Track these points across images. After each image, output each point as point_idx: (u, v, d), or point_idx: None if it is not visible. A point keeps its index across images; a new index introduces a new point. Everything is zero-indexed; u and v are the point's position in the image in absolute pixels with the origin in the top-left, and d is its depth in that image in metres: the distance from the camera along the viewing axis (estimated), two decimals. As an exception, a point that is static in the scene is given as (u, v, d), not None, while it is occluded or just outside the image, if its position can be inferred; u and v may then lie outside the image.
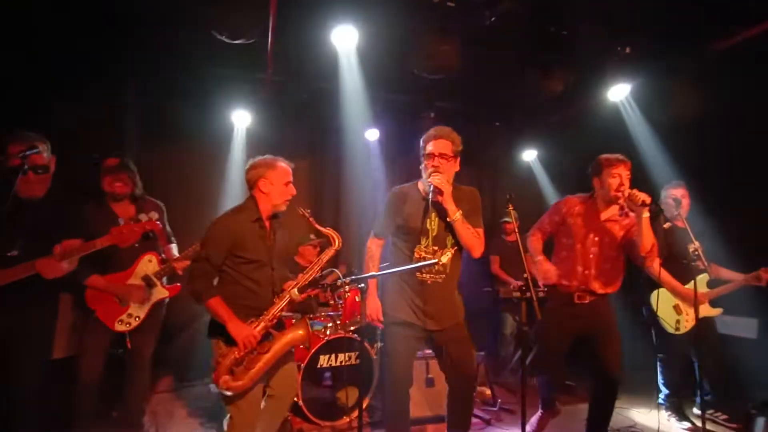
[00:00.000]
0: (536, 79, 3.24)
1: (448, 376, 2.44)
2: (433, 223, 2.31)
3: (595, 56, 3.50)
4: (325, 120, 4.50)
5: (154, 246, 2.77)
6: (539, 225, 2.83)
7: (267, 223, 2.20)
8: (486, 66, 4.15)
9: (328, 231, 2.29)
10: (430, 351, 2.70)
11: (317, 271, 2.25)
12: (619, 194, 2.49)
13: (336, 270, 3.77)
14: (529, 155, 5.39)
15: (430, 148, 2.29)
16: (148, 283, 2.67)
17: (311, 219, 2.27)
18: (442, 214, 2.29)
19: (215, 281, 2.17)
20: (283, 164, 2.25)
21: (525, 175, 5.58)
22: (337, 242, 2.28)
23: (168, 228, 2.97)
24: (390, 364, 2.39)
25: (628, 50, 3.37)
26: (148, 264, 2.70)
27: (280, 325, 2.24)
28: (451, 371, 2.40)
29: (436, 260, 2.26)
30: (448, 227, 2.30)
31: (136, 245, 2.57)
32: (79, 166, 2.86)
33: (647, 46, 3.45)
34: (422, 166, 2.36)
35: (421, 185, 2.40)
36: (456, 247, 2.35)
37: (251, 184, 2.21)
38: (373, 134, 4.92)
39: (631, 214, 2.55)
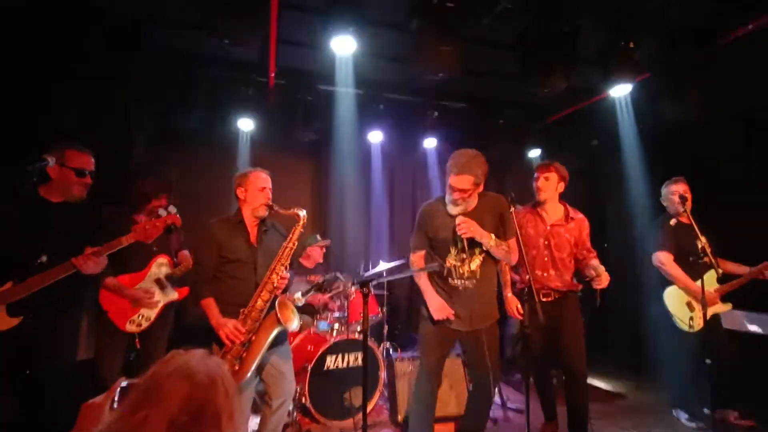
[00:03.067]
0: (539, 77, 3.21)
1: (472, 375, 2.64)
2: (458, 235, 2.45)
3: (599, 53, 3.46)
4: (328, 122, 4.52)
5: (165, 246, 2.83)
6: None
7: (251, 227, 2.41)
8: (488, 64, 4.15)
9: (291, 212, 2.40)
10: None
11: (291, 249, 2.36)
12: (540, 195, 2.89)
13: (340, 276, 3.82)
14: (534, 153, 5.36)
15: (453, 182, 2.38)
16: (160, 285, 2.73)
17: (276, 208, 2.39)
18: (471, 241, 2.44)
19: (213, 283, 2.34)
20: (257, 172, 2.44)
21: (531, 173, 5.54)
22: (302, 219, 2.39)
23: (182, 234, 3.02)
24: (422, 359, 2.59)
25: (632, 45, 3.33)
26: (161, 267, 2.76)
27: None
28: (473, 374, 2.61)
29: (471, 272, 2.47)
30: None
31: (154, 249, 2.72)
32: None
33: (653, 40, 3.41)
34: (447, 187, 2.45)
35: (446, 203, 2.50)
36: (483, 255, 2.49)
37: (234, 193, 2.46)
38: (375, 136, 4.94)
39: (576, 219, 2.90)
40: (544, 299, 2.76)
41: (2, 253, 2.08)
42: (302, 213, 2.39)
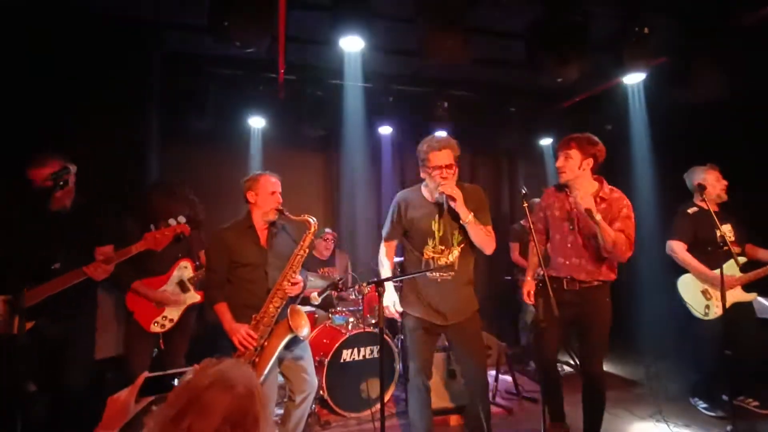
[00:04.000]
0: (551, 67, 3.16)
1: (461, 368, 2.61)
2: (437, 225, 2.42)
3: (611, 39, 3.39)
4: (337, 116, 4.53)
5: (188, 250, 2.92)
6: (534, 228, 2.70)
7: (261, 230, 2.43)
8: (498, 52, 4.10)
9: (302, 218, 2.42)
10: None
11: (302, 256, 2.39)
12: (563, 176, 2.53)
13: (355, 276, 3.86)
14: (546, 141, 5.30)
15: (436, 161, 2.33)
16: (183, 287, 2.82)
17: (286, 213, 2.41)
18: (452, 216, 2.38)
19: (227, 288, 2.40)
20: (267, 176, 2.44)
21: (543, 161, 5.50)
22: (312, 226, 2.41)
23: (204, 236, 3.10)
24: (411, 359, 2.53)
25: (646, 30, 3.25)
26: (184, 270, 2.85)
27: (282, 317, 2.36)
28: (462, 365, 2.57)
29: (450, 264, 2.38)
30: (460, 228, 2.39)
31: (180, 255, 2.83)
32: (100, 172, 2.99)
33: (667, 24, 3.33)
34: (424, 173, 2.42)
35: (425, 190, 2.49)
36: (462, 245, 2.44)
37: (244, 197, 2.46)
38: (385, 129, 4.94)
39: (612, 196, 2.50)
40: (567, 287, 2.53)
41: (18, 260, 2.14)
42: (313, 220, 2.40)
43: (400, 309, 2.49)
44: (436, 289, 2.41)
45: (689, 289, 3.21)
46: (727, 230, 3.10)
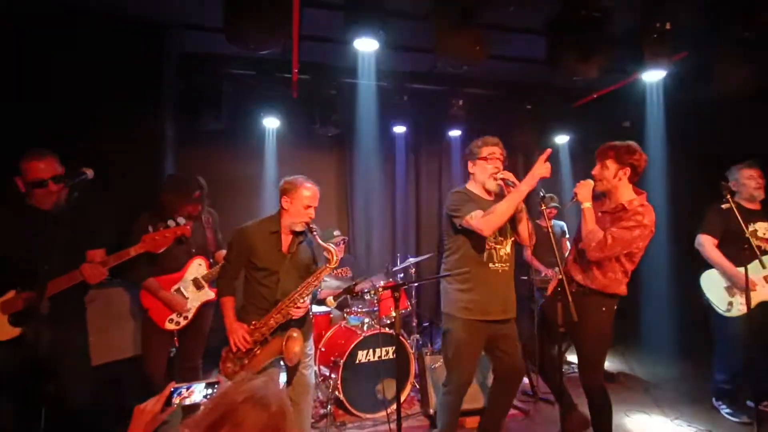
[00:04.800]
0: (569, 65, 3.10)
1: (501, 369, 2.57)
2: None
3: (630, 34, 3.31)
4: (351, 115, 4.53)
5: (203, 248, 2.92)
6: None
7: (285, 236, 2.40)
8: (514, 49, 4.04)
9: (326, 246, 2.36)
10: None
11: (314, 286, 2.35)
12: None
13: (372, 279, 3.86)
14: (561, 139, 5.22)
15: (490, 151, 2.52)
16: (197, 285, 2.83)
17: (315, 233, 2.38)
18: None
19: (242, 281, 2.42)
20: (307, 188, 2.35)
21: (558, 160, 5.43)
22: (333, 260, 2.34)
23: (219, 235, 3.11)
24: (459, 366, 2.49)
25: (668, 26, 3.16)
26: (198, 267, 2.86)
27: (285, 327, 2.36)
28: (503, 369, 2.56)
29: (508, 254, 2.51)
30: (510, 221, 2.46)
31: (192, 250, 2.82)
32: (118, 172, 3.03)
33: (690, 19, 3.23)
34: (474, 168, 2.58)
35: (472, 185, 2.59)
36: (513, 238, 2.56)
37: (279, 196, 2.41)
38: (399, 128, 4.92)
39: (634, 207, 2.39)
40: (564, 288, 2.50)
41: (7, 263, 2.09)
42: (334, 252, 2.35)
43: None
44: (498, 282, 2.47)
45: (713, 284, 3.14)
46: (764, 228, 3.04)
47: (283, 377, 2.53)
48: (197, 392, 1.40)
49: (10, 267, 2.10)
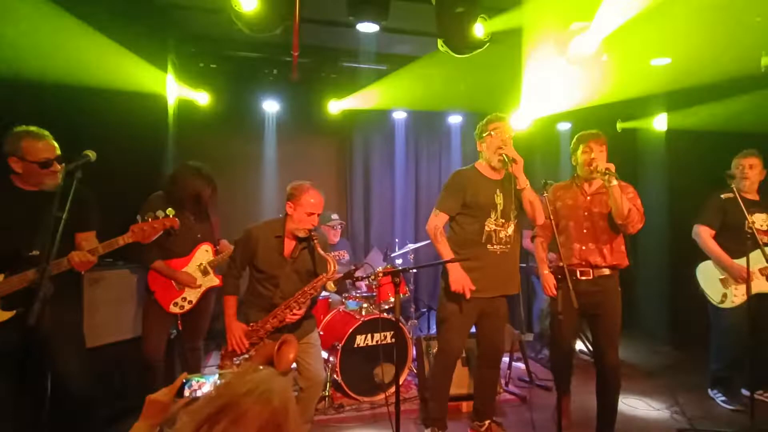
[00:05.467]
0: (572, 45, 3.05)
1: (483, 347, 2.70)
2: (499, 198, 2.54)
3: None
4: (351, 99, 4.47)
5: (210, 234, 2.95)
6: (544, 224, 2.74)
7: (288, 241, 2.42)
8: (516, 34, 3.96)
9: (327, 256, 2.37)
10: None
11: (312, 293, 2.38)
12: (592, 168, 2.53)
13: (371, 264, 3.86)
14: (564, 126, 5.16)
15: (495, 127, 2.53)
16: (203, 271, 2.86)
17: (316, 242, 2.36)
18: (508, 187, 2.49)
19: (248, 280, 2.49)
20: (311, 195, 2.34)
21: (560, 145, 5.38)
22: (330, 270, 2.35)
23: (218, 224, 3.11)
24: (445, 335, 2.63)
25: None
26: (205, 253, 2.88)
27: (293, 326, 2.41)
28: (484, 346, 2.68)
29: (509, 236, 2.54)
30: (515, 198, 2.50)
31: (198, 236, 2.85)
32: (119, 159, 2.98)
33: None
34: (482, 146, 2.60)
35: (480, 165, 2.63)
36: (517, 220, 2.57)
37: (285, 201, 2.40)
38: (400, 113, 4.87)
39: (621, 184, 2.54)
40: (582, 277, 2.55)
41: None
42: (332, 268, 2.36)
43: (473, 286, 2.46)
44: (494, 262, 2.52)
45: (708, 276, 3.16)
46: (761, 219, 3.03)
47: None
48: (208, 384, 1.40)
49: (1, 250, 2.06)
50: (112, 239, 2.21)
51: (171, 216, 2.28)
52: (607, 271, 2.57)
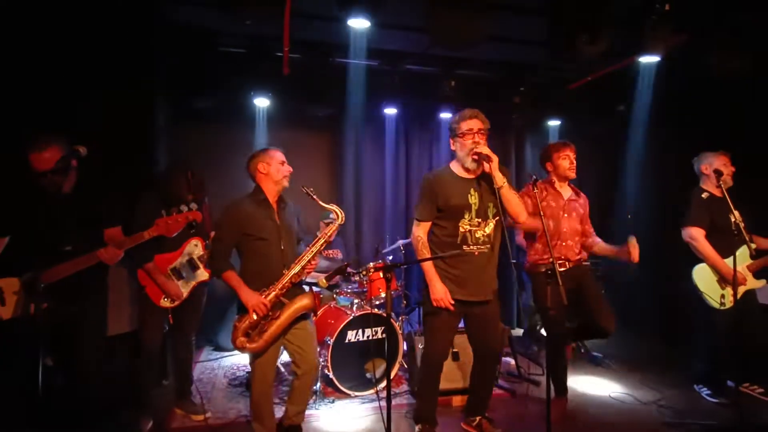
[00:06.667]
0: (563, 44, 3.05)
1: (476, 350, 2.65)
2: (474, 197, 2.47)
3: (629, 17, 3.25)
4: (342, 95, 4.45)
5: (201, 233, 2.93)
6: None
7: (273, 204, 2.46)
8: (509, 30, 3.95)
9: (331, 207, 2.47)
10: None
11: (323, 245, 2.45)
12: (570, 173, 2.95)
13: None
14: (554, 122, 5.18)
15: (466, 126, 2.45)
16: (192, 264, 2.85)
17: (314, 196, 2.46)
18: (485, 185, 2.45)
19: (240, 259, 2.45)
20: (275, 149, 2.50)
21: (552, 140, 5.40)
22: (340, 217, 2.48)
23: (213, 217, 3.12)
24: (430, 340, 2.60)
25: (667, 7, 3.11)
26: (194, 248, 2.88)
27: (293, 294, 2.42)
28: (480, 347, 2.62)
29: (487, 236, 2.48)
30: (495, 196, 2.39)
31: (191, 232, 2.81)
32: (108, 155, 2.97)
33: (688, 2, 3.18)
34: (455, 146, 2.53)
35: (454, 165, 2.56)
36: (497, 218, 2.48)
37: (252, 172, 2.47)
38: (391, 109, 4.86)
39: (582, 196, 3.07)
40: (560, 269, 2.60)
41: (28, 244, 2.20)
42: (340, 212, 2.48)
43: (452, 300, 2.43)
44: (472, 264, 2.45)
45: (705, 278, 3.09)
46: (738, 217, 3.05)
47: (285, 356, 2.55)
48: None
49: (31, 248, 2.20)
50: (137, 233, 2.33)
51: (195, 209, 2.36)
52: (583, 262, 3.00)
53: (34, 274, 2.11)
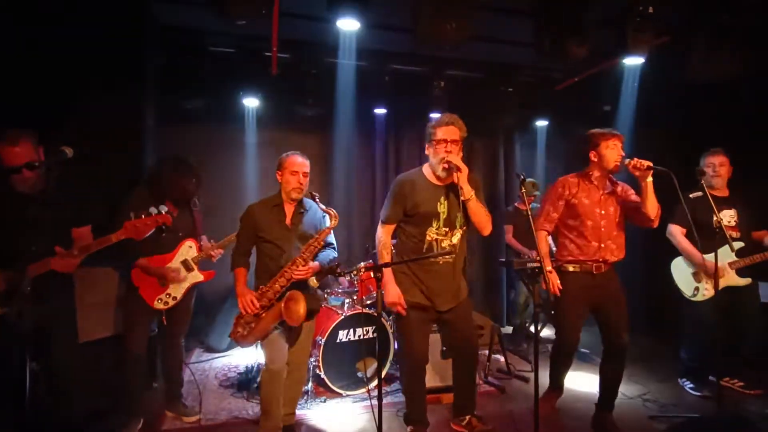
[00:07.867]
0: (550, 45, 3.10)
1: (453, 352, 2.68)
2: (443, 206, 2.44)
3: (613, 18, 3.30)
4: (331, 95, 4.45)
5: (194, 231, 2.92)
6: (545, 216, 2.80)
7: (288, 207, 2.57)
8: (497, 30, 4.00)
9: (327, 210, 2.58)
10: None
11: (317, 246, 2.53)
12: (618, 165, 2.62)
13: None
14: (541, 123, 5.24)
15: (441, 134, 2.40)
16: (187, 266, 2.83)
17: (317, 200, 2.59)
18: (453, 195, 2.39)
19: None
20: (293, 158, 2.56)
21: (537, 143, 5.48)
22: (333, 222, 2.57)
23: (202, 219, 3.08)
24: (406, 346, 2.56)
25: (651, 10, 3.17)
26: (189, 250, 2.86)
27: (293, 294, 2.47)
28: (456, 348, 2.63)
29: (450, 251, 2.41)
30: (461, 208, 2.38)
31: (180, 234, 2.81)
32: (95, 156, 2.93)
33: (671, 4, 3.25)
34: (429, 151, 2.48)
35: (427, 170, 2.52)
36: (464, 228, 2.48)
37: (278, 178, 2.60)
38: (380, 109, 4.87)
39: (620, 184, 2.77)
40: (596, 272, 2.67)
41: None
42: (334, 219, 2.55)
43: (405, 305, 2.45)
44: (437, 273, 2.45)
45: (680, 271, 3.32)
46: (729, 215, 3.18)
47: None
48: None
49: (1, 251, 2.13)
50: (105, 236, 2.26)
51: (164, 213, 2.28)
52: (614, 262, 2.74)
53: (21, 274, 2.03)
